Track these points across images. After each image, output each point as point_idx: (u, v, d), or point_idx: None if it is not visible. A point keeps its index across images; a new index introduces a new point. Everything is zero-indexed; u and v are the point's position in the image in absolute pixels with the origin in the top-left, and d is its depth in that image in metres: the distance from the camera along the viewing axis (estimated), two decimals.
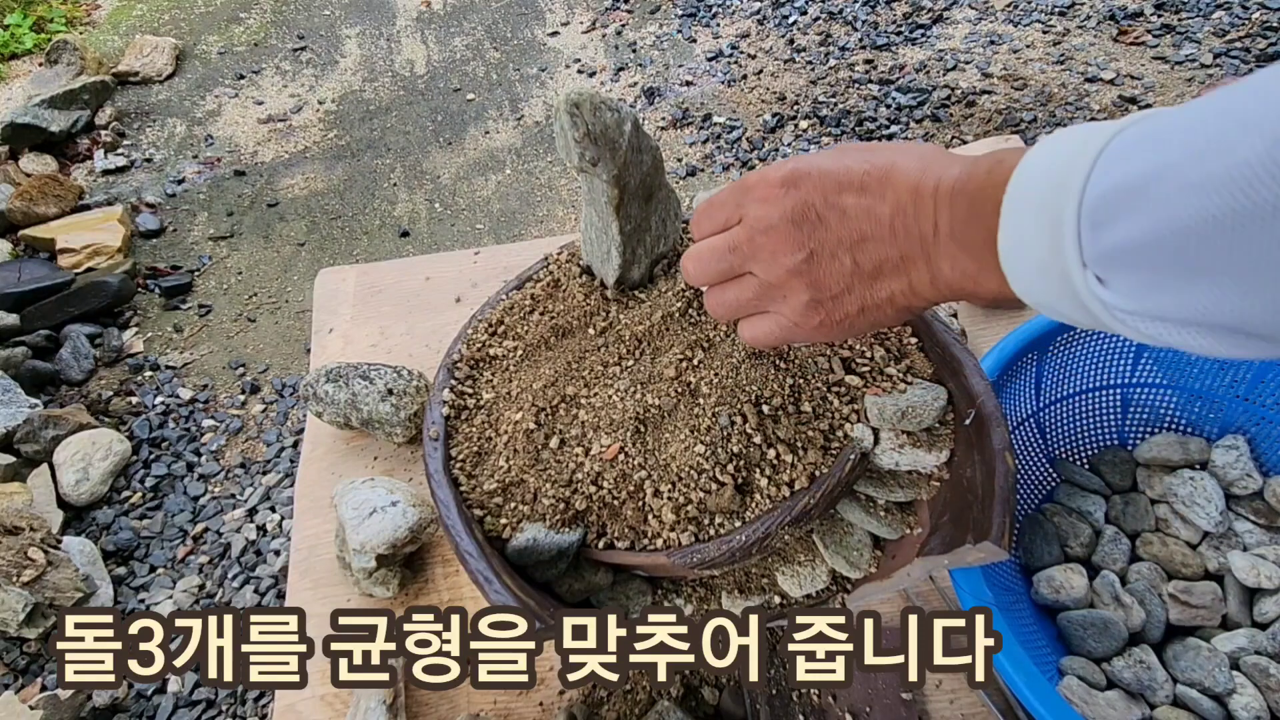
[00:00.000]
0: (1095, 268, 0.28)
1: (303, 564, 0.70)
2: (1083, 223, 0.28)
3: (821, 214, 0.38)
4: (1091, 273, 0.28)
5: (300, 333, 1.90)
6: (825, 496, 0.48)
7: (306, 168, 2.34)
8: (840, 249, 0.38)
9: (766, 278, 0.41)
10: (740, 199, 0.42)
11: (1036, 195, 0.30)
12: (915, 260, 0.36)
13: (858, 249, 0.38)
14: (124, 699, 1.31)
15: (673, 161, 2.15)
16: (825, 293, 0.39)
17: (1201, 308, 0.26)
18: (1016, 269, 0.31)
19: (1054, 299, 0.30)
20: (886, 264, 0.37)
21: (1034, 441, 0.68)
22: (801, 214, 0.38)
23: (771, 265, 0.40)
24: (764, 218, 0.40)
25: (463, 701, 0.61)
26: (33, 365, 1.77)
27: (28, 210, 2.11)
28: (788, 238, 0.39)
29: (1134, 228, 0.26)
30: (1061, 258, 0.28)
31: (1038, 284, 0.31)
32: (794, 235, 0.39)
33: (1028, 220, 0.30)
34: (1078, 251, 0.28)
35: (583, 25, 2.68)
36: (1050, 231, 0.29)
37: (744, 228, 0.41)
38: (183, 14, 2.95)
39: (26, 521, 1.38)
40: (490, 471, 0.53)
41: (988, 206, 0.32)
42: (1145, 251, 0.26)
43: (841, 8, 2.51)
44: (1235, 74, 1.96)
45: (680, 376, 0.52)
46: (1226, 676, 0.54)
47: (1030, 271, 0.31)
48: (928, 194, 0.35)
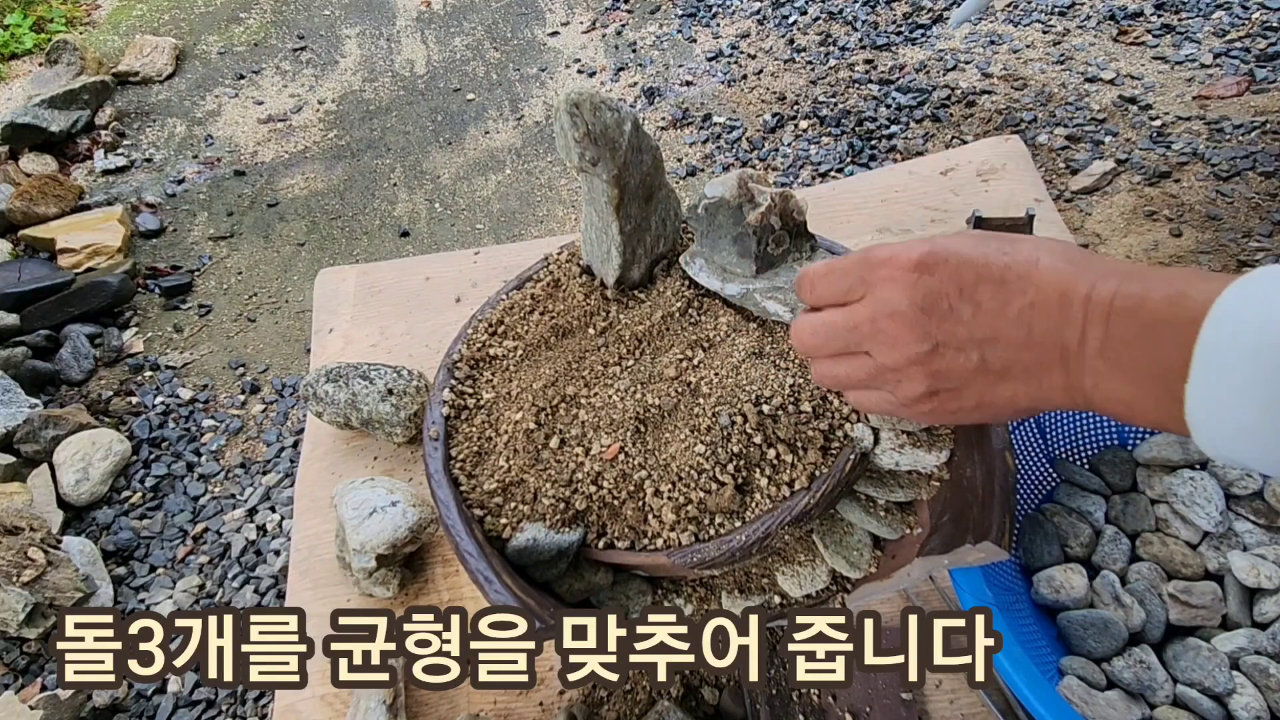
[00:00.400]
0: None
1: (303, 564, 0.70)
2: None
3: (954, 305, 0.36)
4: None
5: (300, 333, 1.90)
6: (825, 496, 0.48)
7: (306, 168, 2.34)
8: (969, 345, 0.36)
9: (884, 362, 0.39)
10: (866, 275, 0.39)
11: (1241, 357, 0.28)
12: (1050, 369, 0.35)
13: (987, 347, 0.35)
14: (124, 699, 1.31)
15: (673, 161, 2.15)
16: (943, 384, 0.38)
17: None
18: (1210, 423, 0.30)
19: (1256, 460, 0.29)
20: (1016, 367, 0.35)
21: (1034, 441, 0.68)
22: (933, 303, 0.36)
23: (892, 352, 0.38)
24: (890, 301, 0.37)
25: (463, 701, 0.61)
26: (33, 365, 1.77)
27: (28, 210, 2.11)
28: (914, 326, 0.37)
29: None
30: (1277, 425, 0.27)
31: (1236, 442, 0.29)
32: (921, 324, 0.37)
33: (1232, 383, 0.28)
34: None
35: (583, 25, 2.68)
36: (1267, 402, 0.27)
37: (867, 307, 0.39)
38: (183, 14, 2.95)
39: (26, 521, 1.38)
40: (490, 471, 0.53)
41: (1167, 341, 0.30)
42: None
43: (841, 8, 2.50)
44: (1235, 74, 1.96)
45: (680, 376, 0.52)
46: (1226, 676, 0.54)
47: (1230, 430, 0.29)
48: (1078, 302, 0.33)
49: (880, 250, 0.39)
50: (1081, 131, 1.94)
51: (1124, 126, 1.93)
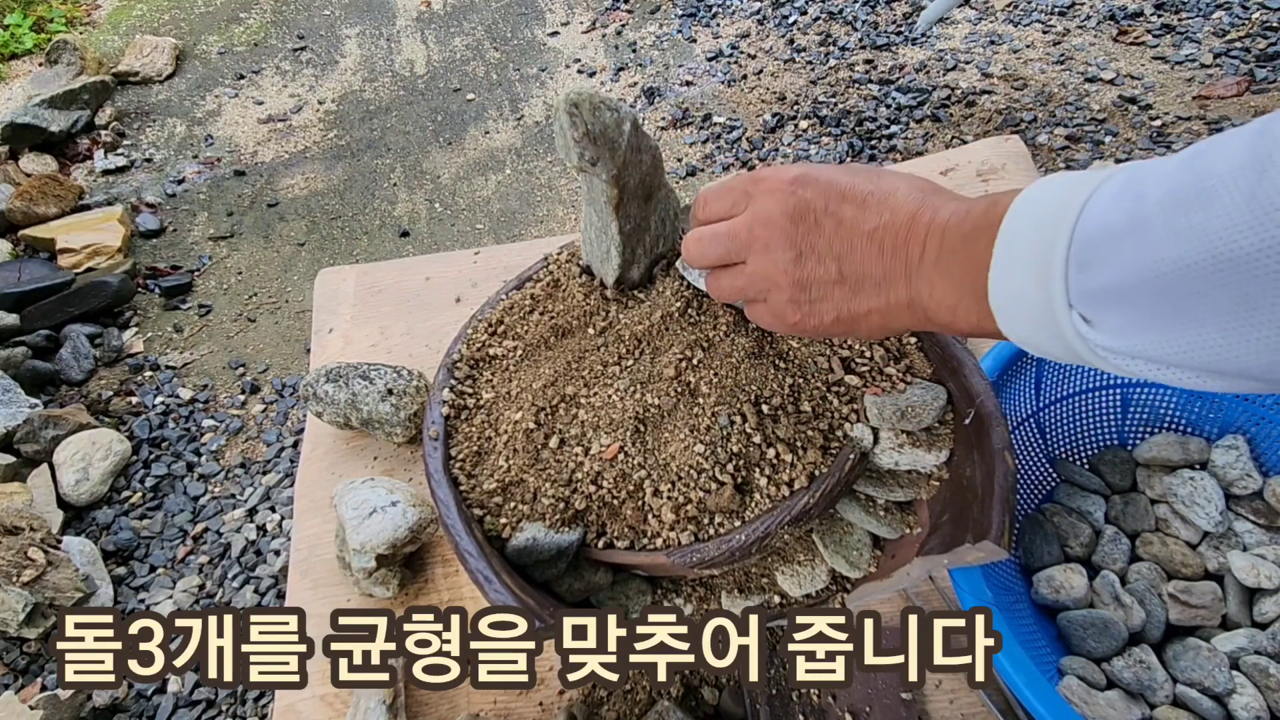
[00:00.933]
0: (1080, 306, 0.29)
1: (303, 564, 0.70)
2: (1070, 264, 0.29)
3: (819, 218, 0.39)
4: (1076, 311, 0.30)
5: (300, 333, 1.90)
6: (825, 496, 0.48)
7: (306, 168, 2.34)
8: (828, 256, 0.39)
9: (755, 269, 0.42)
10: (749, 188, 0.43)
11: (1028, 235, 0.31)
12: (896, 282, 0.38)
13: (844, 258, 0.39)
14: (124, 699, 1.31)
15: (673, 161, 2.15)
16: (805, 294, 0.41)
17: (1182, 348, 0.27)
18: (1003, 303, 0.32)
19: (1036, 334, 0.32)
20: (868, 279, 0.39)
21: (1034, 441, 0.68)
22: (800, 214, 0.40)
23: (764, 257, 0.42)
24: (766, 210, 0.41)
25: (463, 701, 0.61)
26: (33, 365, 1.77)
27: (28, 210, 2.11)
28: (782, 233, 0.40)
29: (1119, 270, 0.27)
30: (1048, 295, 0.30)
31: (1022, 318, 0.32)
32: (789, 232, 0.40)
33: (1018, 258, 0.31)
34: (1064, 291, 0.29)
35: (583, 25, 2.68)
36: (1039, 270, 0.30)
37: (746, 216, 0.43)
38: (183, 14, 2.95)
39: (26, 521, 1.38)
40: (490, 471, 0.53)
41: (980, 243, 0.33)
42: (1129, 293, 0.27)
43: (841, 8, 2.50)
44: (1235, 74, 1.96)
45: (680, 376, 0.52)
46: (1226, 676, 0.54)
47: (1016, 306, 0.32)
48: (923, 222, 0.36)
49: (764, 170, 0.43)
50: (1081, 131, 1.94)
51: (1124, 126, 1.93)
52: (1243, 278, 0.24)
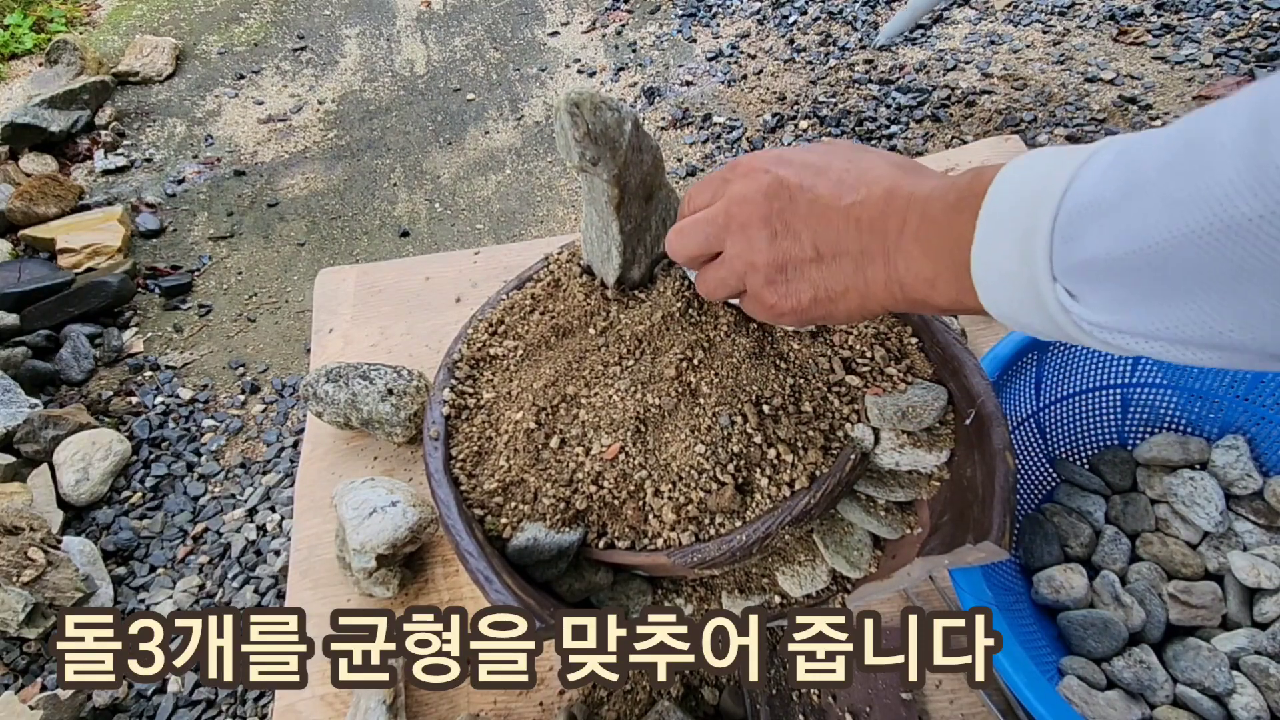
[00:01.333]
0: (1065, 281, 0.29)
1: (303, 564, 0.70)
2: (1055, 236, 0.28)
3: (794, 195, 0.39)
4: (1061, 286, 0.29)
5: (300, 333, 1.90)
6: (825, 496, 0.48)
7: (306, 168, 2.34)
8: (804, 232, 0.39)
9: (732, 251, 0.42)
10: (727, 174, 0.43)
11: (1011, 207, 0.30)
12: (874, 256, 0.37)
13: (820, 235, 0.38)
14: (124, 699, 1.31)
15: (673, 161, 2.15)
16: (781, 275, 0.40)
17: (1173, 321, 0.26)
18: (985, 277, 0.32)
19: (1019, 309, 0.31)
20: (845, 256, 0.38)
21: (1034, 441, 0.68)
22: (775, 191, 0.39)
23: (739, 238, 0.41)
24: (741, 191, 0.41)
25: (463, 701, 0.61)
26: (33, 365, 1.77)
27: (28, 210, 2.11)
28: (757, 211, 0.40)
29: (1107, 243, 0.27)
30: (1031, 269, 0.29)
31: (1004, 293, 0.31)
32: (763, 209, 0.40)
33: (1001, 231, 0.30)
34: (1048, 264, 0.29)
35: (583, 25, 2.68)
36: (1023, 243, 0.29)
37: (723, 200, 0.42)
38: (183, 14, 2.95)
39: (26, 521, 1.38)
40: (490, 471, 0.53)
41: (964, 215, 0.32)
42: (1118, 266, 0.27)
43: (841, 8, 2.50)
44: (1235, 74, 1.96)
45: (680, 376, 0.52)
46: (1226, 676, 0.54)
47: (999, 280, 0.31)
48: (901, 196, 0.36)
49: (743, 156, 0.43)
50: (1082, 131, 1.94)
51: (1124, 126, 1.93)
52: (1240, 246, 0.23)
